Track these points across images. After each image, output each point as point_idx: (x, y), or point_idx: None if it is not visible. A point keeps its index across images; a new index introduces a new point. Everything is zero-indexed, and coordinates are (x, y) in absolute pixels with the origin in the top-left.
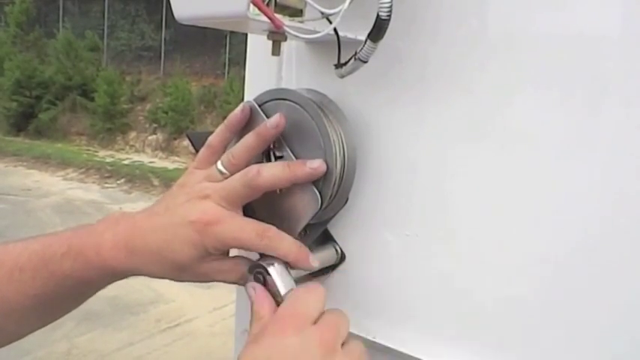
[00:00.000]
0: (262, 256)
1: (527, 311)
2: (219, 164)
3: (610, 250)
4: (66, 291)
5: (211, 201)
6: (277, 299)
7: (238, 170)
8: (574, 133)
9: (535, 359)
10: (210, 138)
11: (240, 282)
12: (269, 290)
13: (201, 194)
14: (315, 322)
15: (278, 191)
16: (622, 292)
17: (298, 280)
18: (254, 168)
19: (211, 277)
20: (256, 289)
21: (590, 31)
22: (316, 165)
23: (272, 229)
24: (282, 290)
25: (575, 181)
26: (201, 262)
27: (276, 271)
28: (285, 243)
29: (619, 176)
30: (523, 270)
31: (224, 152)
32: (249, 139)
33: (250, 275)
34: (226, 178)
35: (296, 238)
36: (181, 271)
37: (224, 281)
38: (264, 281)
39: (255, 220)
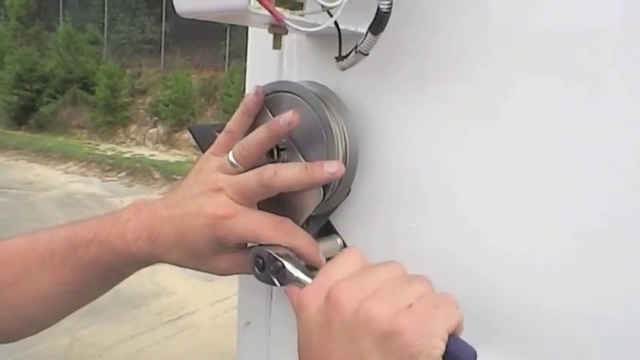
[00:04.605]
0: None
1: (531, 305)
2: (230, 155)
3: (616, 240)
4: (93, 278)
5: (225, 195)
6: (286, 274)
7: (249, 163)
8: (576, 121)
9: (540, 353)
10: (229, 124)
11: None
12: (272, 270)
13: (214, 186)
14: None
15: None
16: (628, 282)
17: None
18: (271, 168)
19: (230, 271)
20: (291, 293)
21: (592, 20)
22: (334, 169)
23: (288, 222)
24: (289, 263)
25: (578, 170)
26: (218, 255)
27: (290, 261)
28: (300, 236)
29: (623, 164)
30: (527, 260)
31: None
32: (260, 133)
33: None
34: (239, 171)
35: None
36: (200, 261)
37: (243, 273)
38: (263, 266)
39: (269, 213)
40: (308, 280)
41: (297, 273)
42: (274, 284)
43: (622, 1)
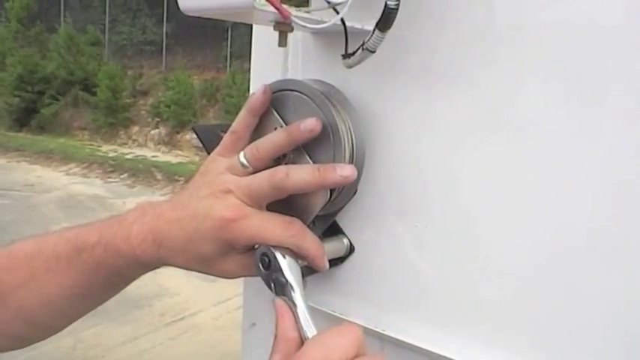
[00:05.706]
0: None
1: (536, 304)
2: (241, 156)
3: (618, 240)
4: (99, 281)
5: (234, 197)
6: (286, 289)
7: (262, 166)
8: (581, 123)
9: (543, 354)
10: (234, 124)
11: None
12: (275, 278)
13: (223, 188)
14: None
15: None
16: (630, 282)
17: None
18: (282, 169)
19: (237, 274)
20: (281, 309)
21: (597, 22)
22: (347, 173)
23: (297, 222)
24: (293, 284)
25: (581, 171)
26: (225, 258)
27: (286, 262)
28: (308, 238)
29: (625, 166)
30: (532, 261)
31: (249, 138)
32: (278, 136)
33: (257, 258)
34: (249, 172)
35: None
36: (206, 265)
37: (250, 275)
38: (269, 265)
39: (277, 214)
40: (304, 313)
41: (298, 301)
42: (270, 289)
43: (625, 3)
